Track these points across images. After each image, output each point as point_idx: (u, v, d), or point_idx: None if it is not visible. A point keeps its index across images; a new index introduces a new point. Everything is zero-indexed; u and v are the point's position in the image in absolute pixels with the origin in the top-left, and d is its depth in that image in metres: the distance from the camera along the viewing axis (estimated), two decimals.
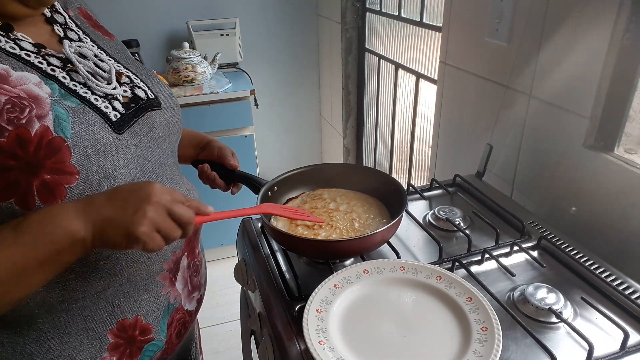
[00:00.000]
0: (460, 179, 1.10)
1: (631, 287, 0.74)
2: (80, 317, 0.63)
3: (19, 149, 0.52)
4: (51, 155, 0.54)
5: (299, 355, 0.65)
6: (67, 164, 0.55)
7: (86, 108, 0.59)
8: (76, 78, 0.61)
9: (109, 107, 0.63)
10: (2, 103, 0.51)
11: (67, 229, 0.52)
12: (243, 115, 2.16)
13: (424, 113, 1.79)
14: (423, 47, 1.72)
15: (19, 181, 0.52)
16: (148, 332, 0.69)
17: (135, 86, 0.70)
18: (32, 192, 0.53)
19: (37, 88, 0.55)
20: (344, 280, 0.72)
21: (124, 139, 0.63)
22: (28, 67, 0.57)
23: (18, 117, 0.52)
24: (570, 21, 0.90)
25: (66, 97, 0.58)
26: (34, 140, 0.53)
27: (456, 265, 0.81)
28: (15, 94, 0.53)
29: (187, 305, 0.77)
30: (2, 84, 0.53)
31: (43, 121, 0.54)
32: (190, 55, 2.14)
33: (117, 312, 0.66)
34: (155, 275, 0.69)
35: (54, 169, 0.54)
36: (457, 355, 0.60)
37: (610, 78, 0.85)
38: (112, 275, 0.64)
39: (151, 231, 0.54)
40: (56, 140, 0.54)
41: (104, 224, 0.53)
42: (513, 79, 1.07)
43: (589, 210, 0.93)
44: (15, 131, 0.51)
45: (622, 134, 0.87)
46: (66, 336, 0.63)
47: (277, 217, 0.90)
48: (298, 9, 2.50)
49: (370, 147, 2.45)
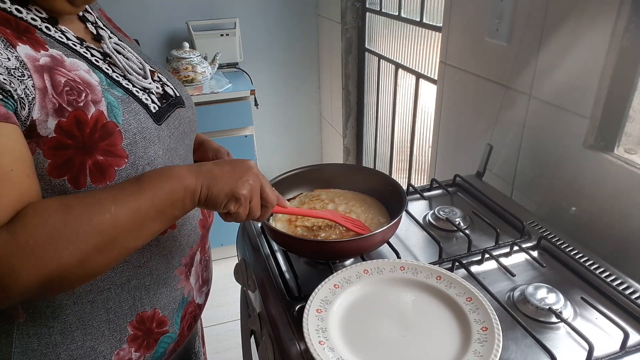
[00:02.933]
0: (460, 179, 1.10)
1: (631, 287, 0.74)
2: (103, 309, 0.65)
3: (76, 129, 0.54)
4: (105, 137, 0.57)
5: (299, 355, 0.65)
6: (119, 147, 0.58)
7: (130, 98, 0.63)
8: (116, 71, 0.65)
9: (149, 99, 0.66)
10: (62, 84, 0.54)
11: (183, 181, 0.57)
12: (243, 115, 2.16)
13: (424, 113, 1.79)
14: (423, 47, 1.72)
15: (74, 160, 0.55)
16: (164, 325, 0.71)
17: (164, 84, 0.74)
18: (85, 171, 0.56)
19: (88, 75, 0.58)
20: (344, 280, 0.72)
21: (162, 130, 0.66)
22: (77, 56, 0.59)
23: (76, 99, 0.55)
24: (570, 21, 0.90)
25: (113, 87, 0.61)
26: (90, 122, 0.56)
27: (456, 265, 0.81)
28: (71, 78, 0.56)
29: (197, 298, 0.79)
30: (59, 67, 0.55)
31: (98, 106, 0.57)
32: (190, 55, 2.14)
33: (138, 304, 0.68)
34: (174, 269, 0.72)
35: (106, 150, 0.57)
36: (457, 355, 0.60)
37: (610, 78, 0.85)
38: (137, 266, 0.66)
39: (247, 198, 0.61)
40: (110, 125, 0.57)
41: (213, 181, 0.59)
42: (513, 79, 1.07)
43: (589, 210, 0.93)
44: (74, 112, 0.54)
45: (622, 134, 0.87)
46: (89, 327, 0.64)
47: (276, 218, 0.90)
48: (298, 9, 2.50)
49: (370, 147, 2.45)
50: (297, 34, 2.56)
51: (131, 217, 0.53)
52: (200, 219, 0.76)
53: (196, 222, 0.75)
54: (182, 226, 0.71)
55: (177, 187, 0.56)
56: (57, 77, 0.54)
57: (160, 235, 0.67)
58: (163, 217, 0.56)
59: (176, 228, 0.70)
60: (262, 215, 0.66)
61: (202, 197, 0.58)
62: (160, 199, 0.55)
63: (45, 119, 0.52)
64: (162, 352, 0.73)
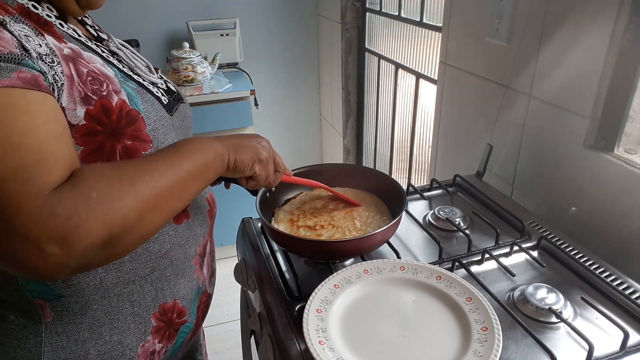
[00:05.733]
0: (460, 179, 1.10)
1: (631, 287, 0.74)
2: (128, 302, 0.65)
3: (104, 116, 0.57)
4: (131, 123, 0.59)
5: (299, 355, 0.65)
6: (144, 132, 0.61)
7: (143, 90, 0.65)
8: (125, 67, 0.67)
9: (159, 92, 0.69)
10: (85, 74, 0.56)
11: (212, 147, 0.62)
12: (243, 115, 2.16)
13: (424, 113, 1.79)
14: (423, 47, 1.71)
15: (105, 145, 0.57)
16: (183, 315, 0.72)
17: (166, 81, 0.76)
18: (116, 155, 0.58)
19: (104, 68, 0.60)
20: (344, 280, 0.72)
21: (174, 121, 0.70)
22: (91, 51, 0.61)
23: (99, 89, 0.57)
24: (570, 21, 0.90)
25: (127, 80, 0.63)
26: (115, 109, 0.58)
27: (456, 265, 0.81)
28: (91, 69, 0.58)
29: (209, 288, 0.81)
30: (79, 58, 0.57)
31: (119, 95, 0.59)
32: (190, 55, 2.13)
33: (160, 296, 0.68)
34: (191, 259, 0.73)
35: (133, 136, 0.60)
36: (457, 355, 0.60)
37: (610, 78, 0.85)
38: (159, 257, 0.67)
39: (268, 160, 0.71)
40: (133, 112, 0.60)
41: (236, 147, 0.67)
42: (513, 79, 1.07)
43: (589, 210, 0.93)
44: (100, 100, 0.56)
45: (622, 134, 0.87)
46: (116, 322, 0.65)
47: (278, 219, 0.90)
48: (298, 9, 2.50)
49: (370, 147, 2.45)
50: (297, 34, 2.56)
51: (176, 179, 0.56)
52: (208, 209, 0.78)
53: (205, 212, 0.77)
54: (195, 216, 0.73)
55: (207, 152, 0.61)
56: (80, 68, 0.56)
57: (178, 225, 0.69)
58: (199, 180, 0.61)
59: (190, 217, 0.72)
60: (274, 180, 0.76)
61: (230, 161, 0.65)
62: (196, 163, 0.59)
63: (74, 107, 0.54)
64: (182, 342, 0.74)
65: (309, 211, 0.91)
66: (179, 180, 0.57)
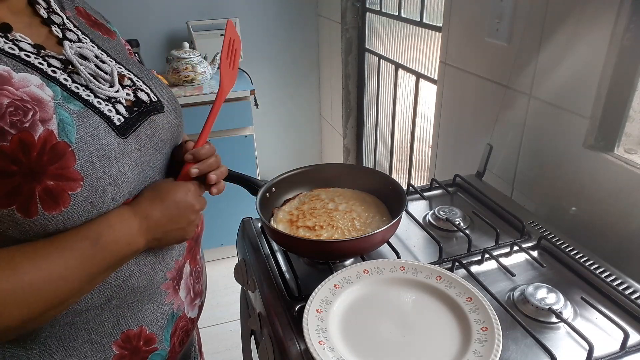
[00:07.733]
0: (460, 179, 1.10)
1: (631, 287, 0.74)
2: (84, 330, 0.62)
3: (21, 153, 0.50)
4: (55, 160, 0.52)
5: (299, 355, 0.65)
6: (72, 170, 0.53)
7: (90, 112, 0.57)
8: (78, 80, 0.59)
9: (113, 110, 0.61)
10: (5, 106, 0.50)
11: (134, 246, 0.60)
12: (243, 115, 2.16)
13: (424, 113, 1.79)
14: (423, 47, 1.72)
15: (21, 187, 0.51)
16: (152, 342, 0.69)
17: (138, 89, 0.68)
18: (35, 199, 0.52)
19: (39, 90, 0.54)
20: (344, 280, 0.72)
21: (129, 144, 0.61)
22: (29, 69, 0.54)
23: (21, 120, 0.50)
24: (570, 21, 0.90)
25: (69, 100, 0.56)
26: (37, 144, 0.51)
27: (456, 265, 0.81)
28: (18, 97, 0.51)
29: (189, 312, 0.76)
30: (5, 86, 0.51)
31: (47, 125, 0.52)
32: (190, 55, 2.14)
33: (122, 323, 0.65)
34: (159, 284, 0.69)
35: (57, 175, 0.52)
36: (457, 355, 0.60)
37: (610, 78, 0.85)
38: (116, 286, 0.63)
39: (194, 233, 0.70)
40: (60, 145, 0.53)
41: (163, 236, 0.64)
42: (513, 79, 1.07)
43: (589, 210, 0.93)
44: (18, 135, 0.50)
45: (622, 134, 0.87)
46: (70, 349, 0.62)
47: (278, 219, 0.90)
48: (298, 9, 2.50)
49: (370, 147, 2.45)
50: (297, 34, 2.56)
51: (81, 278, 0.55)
52: None
53: None
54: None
55: (128, 252, 0.60)
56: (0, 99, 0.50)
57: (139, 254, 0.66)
58: (111, 271, 0.60)
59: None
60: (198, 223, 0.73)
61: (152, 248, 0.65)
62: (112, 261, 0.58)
63: None
64: None
65: (308, 211, 0.91)
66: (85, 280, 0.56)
